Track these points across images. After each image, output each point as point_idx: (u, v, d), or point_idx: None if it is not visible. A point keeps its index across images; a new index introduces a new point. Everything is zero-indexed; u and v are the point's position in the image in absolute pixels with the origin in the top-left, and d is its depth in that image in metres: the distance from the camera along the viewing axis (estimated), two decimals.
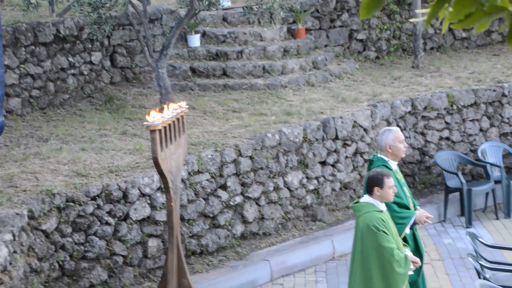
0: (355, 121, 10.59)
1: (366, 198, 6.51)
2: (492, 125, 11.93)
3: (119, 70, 11.94)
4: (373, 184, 6.46)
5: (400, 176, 7.28)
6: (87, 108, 10.95)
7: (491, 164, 11.15)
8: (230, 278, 8.70)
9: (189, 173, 8.94)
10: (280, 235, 9.75)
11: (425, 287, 7.23)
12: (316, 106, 11.00)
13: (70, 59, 11.10)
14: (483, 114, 11.86)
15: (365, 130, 10.75)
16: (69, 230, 8.03)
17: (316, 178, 10.24)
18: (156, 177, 8.46)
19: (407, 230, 6.97)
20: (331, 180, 10.40)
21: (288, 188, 9.95)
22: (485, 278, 7.31)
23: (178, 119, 7.22)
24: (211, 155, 9.17)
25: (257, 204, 9.62)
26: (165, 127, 6.87)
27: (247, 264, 8.98)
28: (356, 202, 6.58)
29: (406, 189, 7.24)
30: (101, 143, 9.50)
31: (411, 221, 6.95)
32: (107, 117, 10.55)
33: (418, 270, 6.92)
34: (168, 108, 7.05)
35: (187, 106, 7.55)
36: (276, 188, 9.80)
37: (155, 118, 6.78)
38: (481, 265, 7.49)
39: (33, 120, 10.39)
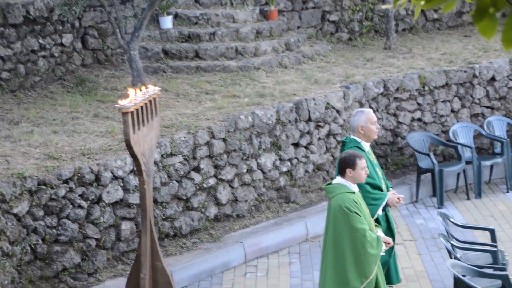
0: (327, 103, 10.62)
1: (338, 180, 6.54)
2: (463, 106, 12.02)
3: (91, 52, 11.84)
4: (345, 165, 6.49)
5: (372, 157, 7.33)
6: (59, 91, 10.86)
7: (462, 145, 11.25)
8: (204, 260, 8.72)
9: (162, 156, 8.92)
10: (254, 217, 9.77)
11: (396, 267, 7.30)
12: (289, 87, 11.01)
13: (41, 41, 10.99)
14: (454, 95, 11.95)
15: (337, 111, 10.78)
16: (41, 213, 7.98)
17: (289, 159, 10.26)
18: (129, 159, 8.42)
19: (380, 212, 7.02)
20: (304, 161, 10.43)
21: (261, 170, 9.96)
22: (456, 258, 7.40)
23: (150, 101, 7.18)
24: (184, 138, 9.15)
25: (230, 186, 9.63)
26: (137, 110, 6.83)
27: (221, 246, 9.00)
28: (329, 184, 6.60)
29: (378, 170, 7.29)
30: (73, 125, 9.44)
31: (384, 203, 7.00)
32: (79, 99, 10.47)
33: (389, 251, 6.98)
34: (137, 92, 7.00)
35: (159, 88, 7.51)
36: (249, 170, 9.81)
37: (129, 97, 6.74)
38: (452, 245, 7.57)
39: (4, 102, 10.28)
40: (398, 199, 7.06)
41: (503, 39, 2.81)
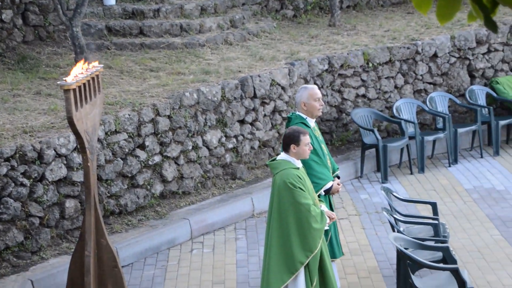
0: (273, 80, 10.64)
1: (282, 156, 6.58)
2: (406, 82, 12.17)
3: (32, 29, 11.63)
4: (289, 141, 6.53)
5: (318, 133, 7.39)
6: None
7: (406, 121, 11.40)
8: (150, 238, 8.70)
9: (106, 133, 8.84)
10: (200, 193, 9.78)
11: (338, 241, 7.39)
12: (234, 64, 10.99)
13: None
14: (397, 71, 12.09)
15: (283, 88, 10.82)
16: None
17: (235, 136, 10.27)
18: (72, 137, 8.33)
19: (322, 193, 7.11)
20: (250, 138, 10.46)
21: (207, 147, 9.96)
22: (399, 231, 7.52)
23: (93, 78, 7.10)
24: (129, 115, 9.08)
25: (176, 163, 9.61)
26: (79, 87, 6.74)
27: (167, 223, 8.99)
28: (273, 160, 6.64)
29: (324, 146, 7.36)
30: (14, 103, 9.28)
31: (328, 185, 7.09)
32: (20, 77, 10.29)
33: (330, 225, 7.08)
34: (82, 66, 6.92)
35: (102, 65, 7.42)
36: (195, 147, 9.79)
37: (72, 74, 6.65)
38: (395, 218, 7.69)
39: None
40: (338, 191, 7.20)
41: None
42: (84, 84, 6.88)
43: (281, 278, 6.48)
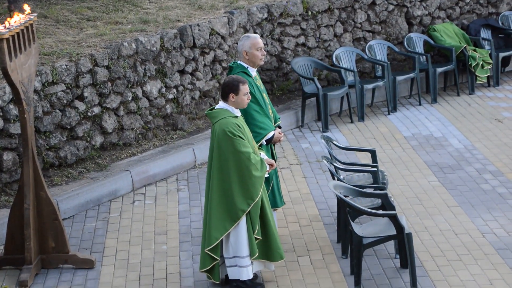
0: (212, 29, 10.55)
1: (221, 104, 6.57)
2: (345, 30, 12.21)
3: None
4: (228, 90, 6.53)
5: (259, 82, 7.39)
6: None
7: (345, 69, 11.47)
8: (91, 190, 8.64)
9: (43, 84, 8.68)
10: (141, 145, 9.72)
11: (279, 191, 7.46)
12: (173, 14, 10.86)
13: None
14: (336, 19, 12.10)
15: (222, 37, 10.75)
16: None
17: (175, 87, 10.20)
18: (8, 88, 8.16)
19: (264, 142, 7.14)
20: (190, 88, 10.40)
21: (147, 98, 9.87)
22: (339, 179, 7.61)
23: (27, 27, 6.93)
24: (66, 65, 8.92)
25: (116, 114, 9.50)
26: (13, 36, 6.59)
27: (108, 175, 8.93)
28: (212, 109, 6.63)
29: (265, 96, 7.37)
30: None
31: (269, 135, 7.12)
32: None
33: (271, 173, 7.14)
34: (16, 16, 6.75)
35: (36, 14, 7.25)
36: (135, 98, 9.70)
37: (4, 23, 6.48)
38: (335, 167, 7.78)
39: None
40: (280, 140, 7.23)
41: None
42: (18, 33, 6.73)
43: (223, 226, 6.53)
